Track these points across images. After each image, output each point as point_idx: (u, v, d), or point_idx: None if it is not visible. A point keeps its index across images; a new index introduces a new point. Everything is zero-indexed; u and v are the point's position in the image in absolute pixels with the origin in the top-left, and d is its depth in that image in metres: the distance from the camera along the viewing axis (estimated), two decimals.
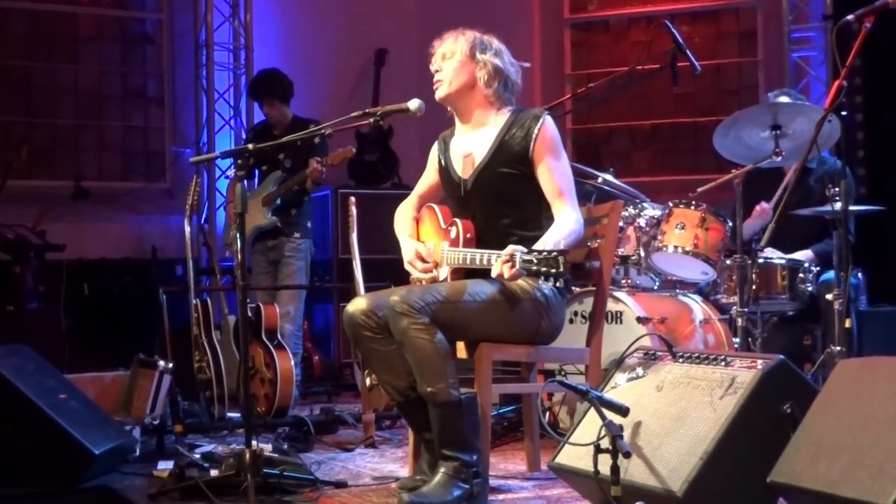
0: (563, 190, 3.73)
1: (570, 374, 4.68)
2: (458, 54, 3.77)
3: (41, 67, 8.42)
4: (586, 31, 9.08)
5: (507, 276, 3.35)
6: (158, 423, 4.80)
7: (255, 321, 5.62)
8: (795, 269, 4.83)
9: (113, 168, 8.65)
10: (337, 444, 4.84)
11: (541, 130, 3.73)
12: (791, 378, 3.01)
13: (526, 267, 3.26)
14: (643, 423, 3.12)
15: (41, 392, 4.03)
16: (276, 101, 6.44)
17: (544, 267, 3.22)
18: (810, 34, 8.05)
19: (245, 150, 3.72)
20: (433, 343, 3.41)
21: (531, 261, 3.25)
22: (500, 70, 3.78)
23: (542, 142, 3.73)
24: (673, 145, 8.80)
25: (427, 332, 3.41)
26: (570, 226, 3.64)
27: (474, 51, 3.76)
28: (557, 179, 3.73)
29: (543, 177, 3.73)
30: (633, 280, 5.19)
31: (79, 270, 7.66)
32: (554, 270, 3.22)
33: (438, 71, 3.81)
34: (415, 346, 3.41)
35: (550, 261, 3.23)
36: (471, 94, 3.82)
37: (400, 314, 3.42)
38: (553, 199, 3.72)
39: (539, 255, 3.25)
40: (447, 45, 3.81)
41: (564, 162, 3.80)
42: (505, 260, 3.34)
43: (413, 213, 4.04)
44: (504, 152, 3.77)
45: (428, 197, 4.04)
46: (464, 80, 3.79)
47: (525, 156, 3.73)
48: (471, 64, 3.77)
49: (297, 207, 6.40)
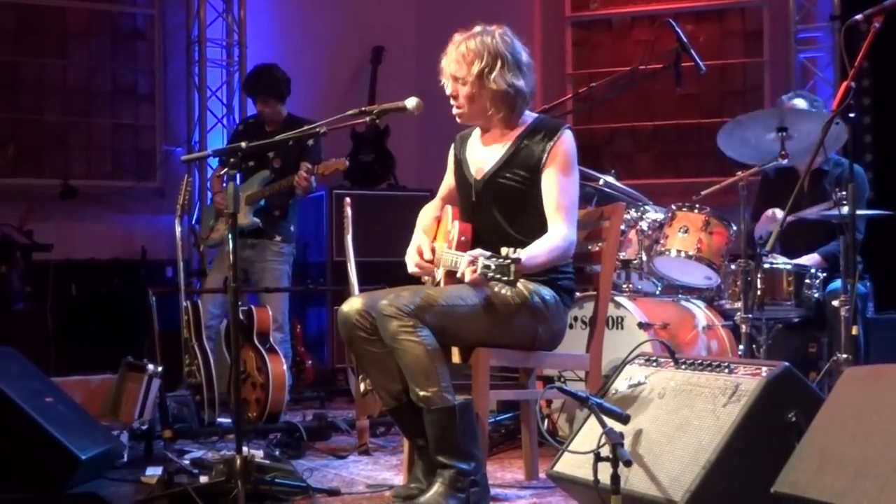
0: (563, 205, 3.71)
1: (569, 381, 4.68)
2: (468, 85, 3.73)
3: (29, 63, 8.40)
4: (588, 30, 9.07)
5: (468, 280, 3.38)
6: (147, 428, 4.80)
7: (247, 324, 5.62)
8: (801, 275, 4.83)
9: (102, 166, 8.63)
10: (330, 451, 4.83)
11: (556, 144, 3.74)
12: (796, 386, 3.01)
13: (484, 272, 3.27)
14: (644, 431, 3.12)
15: (26, 395, 4.02)
16: (273, 99, 6.39)
17: (498, 273, 3.24)
18: (818, 34, 8.05)
19: (238, 148, 3.70)
20: (423, 346, 3.40)
21: (489, 266, 3.26)
22: (507, 94, 3.74)
23: (554, 154, 3.73)
24: (676, 147, 8.79)
25: (417, 335, 3.41)
26: (556, 242, 3.63)
27: (482, 78, 3.70)
28: (559, 194, 3.71)
29: (547, 189, 3.72)
30: (635, 285, 5.20)
31: (66, 271, 7.65)
32: (505, 278, 3.23)
33: (454, 97, 3.78)
34: (405, 350, 3.41)
35: (503, 267, 3.24)
36: (487, 116, 3.81)
37: (389, 317, 3.42)
38: (550, 211, 3.71)
39: (496, 260, 3.26)
40: (457, 69, 3.73)
41: (573, 179, 3.78)
42: (469, 261, 3.35)
43: (435, 212, 4.05)
44: (516, 161, 3.77)
45: (449, 198, 4.04)
46: (477, 107, 3.77)
47: (537, 166, 3.73)
48: (482, 91, 3.73)
49: (280, 209, 6.34)
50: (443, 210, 3.99)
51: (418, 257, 3.82)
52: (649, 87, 7.92)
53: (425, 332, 3.43)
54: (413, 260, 3.84)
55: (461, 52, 3.73)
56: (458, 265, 3.50)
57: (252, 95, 6.64)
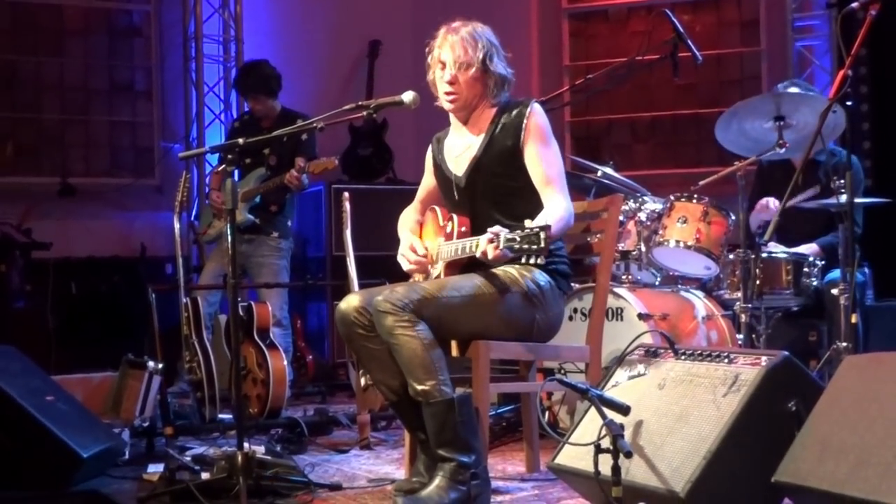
0: (552, 177, 3.72)
1: (569, 373, 4.68)
2: (473, 68, 3.73)
3: (26, 61, 8.41)
4: (585, 21, 9.07)
5: (491, 257, 3.35)
6: (148, 425, 4.79)
7: (247, 320, 5.62)
8: (800, 264, 4.83)
9: (100, 164, 8.64)
10: (331, 446, 4.83)
11: (529, 120, 3.74)
12: (796, 375, 3.01)
13: (509, 245, 3.26)
14: (645, 422, 3.12)
15: (27, 393, 4.02)
16: (262, 95, 6.38)
17: (526, 244, 3.23)
18: (814, 22, 8.05)
19: (235, 144, 3.68)
20: (420, 340, 3.40)
21: (514, 238, 3.26)
22: (505, 78, 3.80)
23: (529, 131, 3.74)
24: (674, 138, 8.80)
25: (413, 329, 3.40)
26: (559, 213, 3.63)
27: (486, 62, 3.73)
28: (545, 167, 3.72)
29: (532, 165, 3.73)
30: (634, 276, 5.19)
31: (66, 269, 7.66)
32: (535, 247, 3.22)
33: (454, 83, 3.77)
34: (401, 345, 3.41)
35: (532, 237, 3.23)
36: (478, 103, 3.83)
37: (384, 313, 3.42)
38: (541, 187, 3.72)
39: (521, 231, 3.25)
40: (463, 53, 3.73)
41: (554, 150, 3.79)
42: (490, 239, 3.34)
43: (416, 216, 4.06)
44: (495, 148, 3.78)
45: (429, 201, 4.05)
46: (476, 92, 3.79)
47: (515, 148, 3.74)
48: (484, 76, 3.76)
49: (277, 205, 6.35)
50: (426, 212, 3.99)
51: (412, 254, 3.82)
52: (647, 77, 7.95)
53: (421, 325, 3.43)
54: (408, 257, 3.83)
55: (463, 37, 3.73)
56: (473, 248, 3.49)
57: (242, 93, 6.64)
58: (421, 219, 4.04)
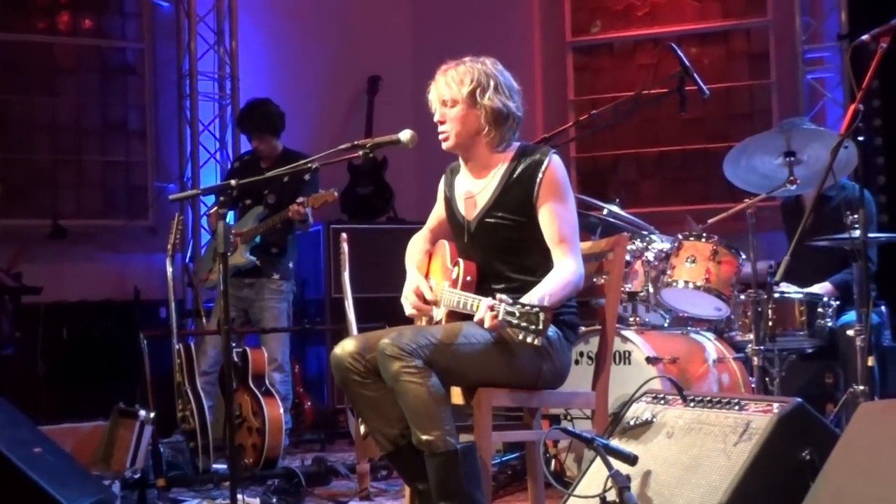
0: (566, 237, 3.69)
1: (576, 419, 4.65)
2: (459, 104, 3.72)
3: (16, 100, 8.42)
4: (589, 55, 9.09)
5: (488, 326, 3.33)
6: (139, 476, 4.77)
7: (242, 366, 5.59)
8: (814, 304, 4.80)
9: (92, 205, 8.62)
10: (330, 497, 4.81)
11: (545, 174, 3.70)
12: (809, 422, 2.98)
13: (507, 319, 3.24)
14: (653, 473, 3.09)
15: (14, 445, 4.00)
16: (267, 134, 6.41)
17: (524, 322, 3.20)
18: (825, 54, 8.06)
19: (228, 185, 3.69)
20: (427, 388, 3.37)
21: (513, 313, 3.23)
22: (501, 112, 3.72)
23: (546, 185, 3.70)
24: (682, 173, 8.79)
25: (420, 377, 3.37)
26: (567, 276, 3.61)
27: (474, 97, 3.69)
28: (559, 225, 3.69)
29: (545, 222, 3.70)
30: (642, 317, 5.17)
31: (57, 313, 7.63)
32: (533, 327, 3.20)
33: (442, 122, 3.76)
34: (407, 392, 3.37)
35: (532, 315, 3.21)
36: (475, 141, 3.78)
37: (390, 357, 3.39)
38: (553, 245, 3.69)
39: (522, 308, 3.23)
40: (446, 90, 3.72)
41: (570, 206, 3.75)
42: (490, 306, 3.32)
43: (425, 245, 4.03)
44: (507, 198, 3.74)
45: (438, 231, 4.02)
46: (467, 129, 3.74)
47: (528, 201, 3.71)
48: (472, 111, 3.71)
49: (278, 246, 6.35)
50: (436, 245, 3.97)
51: (417, 299, 3.79)
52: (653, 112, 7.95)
53: (428, 372, 3.40)
54: (411, 301, 3.81)
55: (450, 75, 3.72)
56: (473, 308, 3.47)
57: (246, 132, 6.65)
58: (430, 249, 4.01)
